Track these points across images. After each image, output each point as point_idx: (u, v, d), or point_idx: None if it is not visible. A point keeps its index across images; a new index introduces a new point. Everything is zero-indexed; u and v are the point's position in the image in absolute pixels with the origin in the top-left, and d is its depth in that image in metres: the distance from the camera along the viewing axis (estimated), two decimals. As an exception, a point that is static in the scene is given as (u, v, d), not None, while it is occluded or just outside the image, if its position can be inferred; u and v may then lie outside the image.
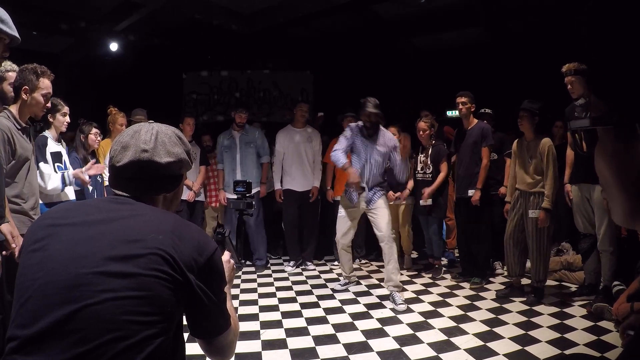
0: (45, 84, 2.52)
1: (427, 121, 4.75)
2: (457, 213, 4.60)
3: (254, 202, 2.71)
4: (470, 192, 4.23)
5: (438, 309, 3.65)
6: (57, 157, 3.22)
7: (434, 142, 4.73)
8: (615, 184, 0.54)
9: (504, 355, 2.77)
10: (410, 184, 4.86)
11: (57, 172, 3.11)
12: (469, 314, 3.54)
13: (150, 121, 1.19)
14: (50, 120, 3.24)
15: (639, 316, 1.43)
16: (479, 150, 4.24)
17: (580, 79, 3.42)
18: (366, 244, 5.37)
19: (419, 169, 4.76)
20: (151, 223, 1.02)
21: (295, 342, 3.05)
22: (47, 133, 3.24)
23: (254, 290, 4.30)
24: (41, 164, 2.99)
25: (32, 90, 2.47)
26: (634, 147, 0.49)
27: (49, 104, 2.61)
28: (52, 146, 3.22)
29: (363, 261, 5.30)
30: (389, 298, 3.90)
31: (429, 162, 4.68)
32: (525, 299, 3.81)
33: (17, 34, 1.69)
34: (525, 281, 4.02)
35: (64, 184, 3.06)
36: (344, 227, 4.13)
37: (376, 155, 3.97)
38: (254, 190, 5.04)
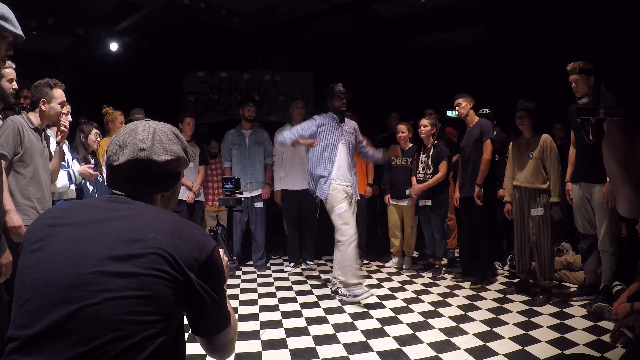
0: (59, 93, 2.79)
1: (429, 118, 4.76)
2: (459, 212, 4.59)
3: (243, 199, 2.71)
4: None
5: (438, 309, 3.65)
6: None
7: (435, 142, 4.73)
8: (621, 176, 0.54)
9: (504, 355, 2.77)
10: (415, 182, 4.86)
11: (61, 170, 3.16)
12: (469, 314, 3.54)
13: (147, 119, 1.18)
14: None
15: (638, 317, 1.43)
16: (481, 148, 4.23)
17: (584, 77, 3.41)
18: (367, 244, 5.38)
19: (420, 169, 4.76)
20: (151, 222, 1.02)
21: (295, 342, 3.05)
22: (49, 132, 3.25)
23: (254, 290, 4.30)
24: None
25: (49, 101, 2.73)
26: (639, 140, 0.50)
27: (64, 110, 2.83)
28: (55, 144, 3.24)
29: (365, 261, 5.30)
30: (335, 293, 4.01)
31: (430, 163, 4.67)
32: (528, 298, 3.81)
33: (20, 32, 1.71)
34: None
35: (71, 181, 3.12)
36: (351, 217, 3.93)
37: (350, 138, 4.10)
38: (256, 192, 5.07)
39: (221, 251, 1.29)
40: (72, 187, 3.32)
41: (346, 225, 3.87)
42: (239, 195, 2.38)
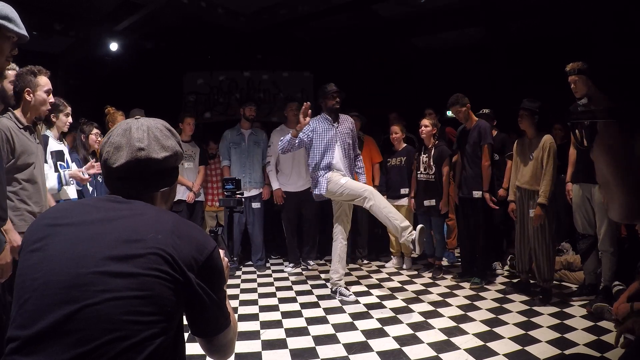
0: (44, 80, 2.56)
1: (429, 118, 4.76)
2: (459, 213, 4.59)
3: (243, 199, 2.70)
4: (476, 194, 4.23)
5: (438, 309, 3.65)
6: (59, 155, 3.24)
7: (436, 142, 4.73)
8: (615, 180, 0.53)
9: (504, 355, 2.77)
10: (414, 183, 4.86)
11: (59, 171, 3.13)
12: (469, 314, 3.54)
13: (137, 116, 1.17)
14: (53, 120, 3.26)
15: (638, 320, 1.43)
16: (479, 151, 4.24)
17: (583, 78, 3.41)
18: (368, 244, 5.38)
19: (421, 169, 4.76)
20: (151, 222, 1.02)
21: (295, 342, 3.05)
22: (48, 132, 3.25)
23: (254, 290, 4.30)
24: None
25: (34, 90, 2.51)
26: (636, 142, 0.49)
27: (52, 99, 2.63)
28: (54, 145, 3.23)
29: (365, 261, 5.30)
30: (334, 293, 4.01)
31: (431, 163, 4.67)
32: (528, 298, 3.81)
33: (25, 32, 1.70)
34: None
35: (60, 183, 3.06)
36: (358, 183, 3.92)
37: (346, 138, 4.03)
38: (254, 192, 5.06)
39: (221, 252, 1.29)
40: (73, 188, 3.31)
41: (362, 187, 3.81)
42: (239, 196, 2.39)
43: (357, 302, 3.87)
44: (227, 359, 1.20)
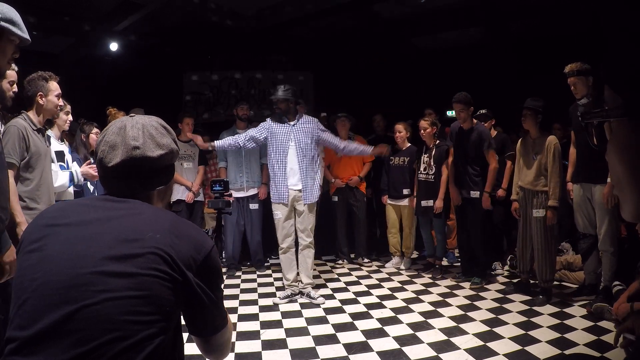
0: (55, 85, 2.74)
1: (427, 119, 4.74)
2: (458, 213, 4.59)
3: (232, 201, 2.71)
4: (473, 194, 4.23)
5: (438, 309, 3.65)
6: (60, 156, 3.25)
7: (437, 142, 4.72)
8: (628, 179, 0.53)
9: (504, 355, 2.77)
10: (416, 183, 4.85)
11: (61, 171, 3.15)
12: (469, 314, 3.54)
13: (132, 114, 1.15)
14: (54, 119, 3.26)
15: (638, 320, 1.43)
16: (480, 154, 4.23)
17: (583, 79, 3.42)
18: (367, 244, 5.37)
19: (422, 169, 4.75)
20: (149, 222, 1.01)
21: (295, 342, 3.05)
22: (50, 132, 3.25)
23: (253, 290, 4.30)
24: None
25: (46, 95, 2.68)
26: None
27: (61, 102, 2.79)
28: (56, 145, 3.24)
29: (365, 261, 5.30)
30: (305, 296, 4.01)
31: (432, 163, 4.66)
32: (528, 297, 3.81)
33: (27, 36, 1.71)
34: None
35: (72, 181, 3.11)
36: (285, 229, 3.98)
37: (303, 137, 3.96)
38: (252, 192, 5.05)
39: None
40: (71, 189, 3.30)
41: (280, 233, 3.99)
42: (227, 198, 2.39)
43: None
44: (224, 359, 1.20)
